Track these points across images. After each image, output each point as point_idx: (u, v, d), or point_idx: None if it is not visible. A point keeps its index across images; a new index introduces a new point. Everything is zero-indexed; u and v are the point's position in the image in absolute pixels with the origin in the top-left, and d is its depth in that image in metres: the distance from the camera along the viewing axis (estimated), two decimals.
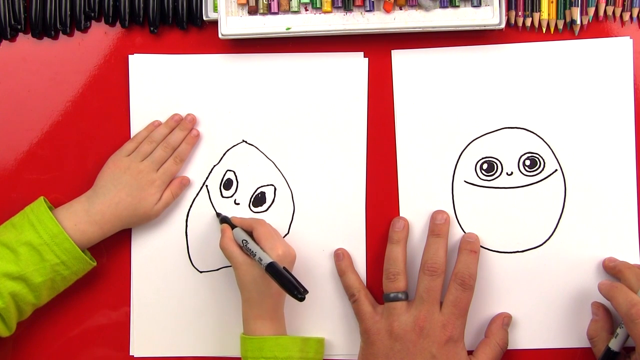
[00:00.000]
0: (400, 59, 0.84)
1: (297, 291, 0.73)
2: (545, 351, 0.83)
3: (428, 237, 0.82)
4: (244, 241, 0.79)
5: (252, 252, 0.78)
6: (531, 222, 0.83)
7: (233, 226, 0.82)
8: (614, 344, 0.77)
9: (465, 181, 0.84)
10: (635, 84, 0.82)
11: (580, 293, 0.82)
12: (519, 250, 0.83)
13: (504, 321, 0.82)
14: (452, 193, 0.84)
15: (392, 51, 0.84)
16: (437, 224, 0.82)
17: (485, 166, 0.84)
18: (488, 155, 0.84)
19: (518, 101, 0.83)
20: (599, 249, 0.82)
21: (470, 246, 0.81)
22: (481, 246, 0.83)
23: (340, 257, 0.84)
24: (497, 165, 0.83)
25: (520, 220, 0.83)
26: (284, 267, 0.76)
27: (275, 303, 0.80)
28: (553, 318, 0.83)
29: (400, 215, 0.84)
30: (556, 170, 0.83)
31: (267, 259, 0.76)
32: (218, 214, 0.85)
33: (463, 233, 0.83)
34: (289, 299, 0.78)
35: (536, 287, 0.83)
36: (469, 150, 0.84)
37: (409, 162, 0.84)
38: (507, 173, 0.83)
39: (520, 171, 0.83)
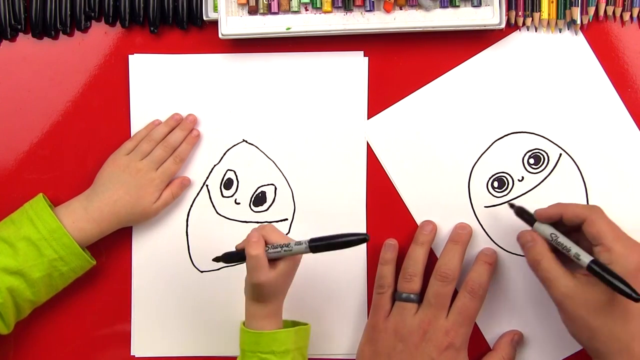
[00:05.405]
0: (374, 127, 0.84)
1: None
2: None
3: (447, 243, 0.81)
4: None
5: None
6: None
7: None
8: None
9: (485, 206, 0.83)
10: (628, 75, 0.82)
11: None
12: None
13: (514, 338, 0.82)
14: (479, 222, 0.83)
15: (365, 123, 0.84)
16: (459, 232, 0.81)
17: (495, 184, 0.83)
18: (493, 173, 0.83)
19: (509, 106, 0.82)
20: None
21: (486, 258, 0.81)
22: None
23: (392, 249, 0.83)
24: (505, 178, 0.83)
25: None
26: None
27: (282, 300, 0.78)
28: None
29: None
30: (561, 154, 0.82)
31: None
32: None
33: (507, 253, 0.82)
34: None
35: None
36: (474, 176, 0.83)
37: (422, 211, 0.83)
38: (518, 180, 0.83)
39: (529, 171, 0.82)
